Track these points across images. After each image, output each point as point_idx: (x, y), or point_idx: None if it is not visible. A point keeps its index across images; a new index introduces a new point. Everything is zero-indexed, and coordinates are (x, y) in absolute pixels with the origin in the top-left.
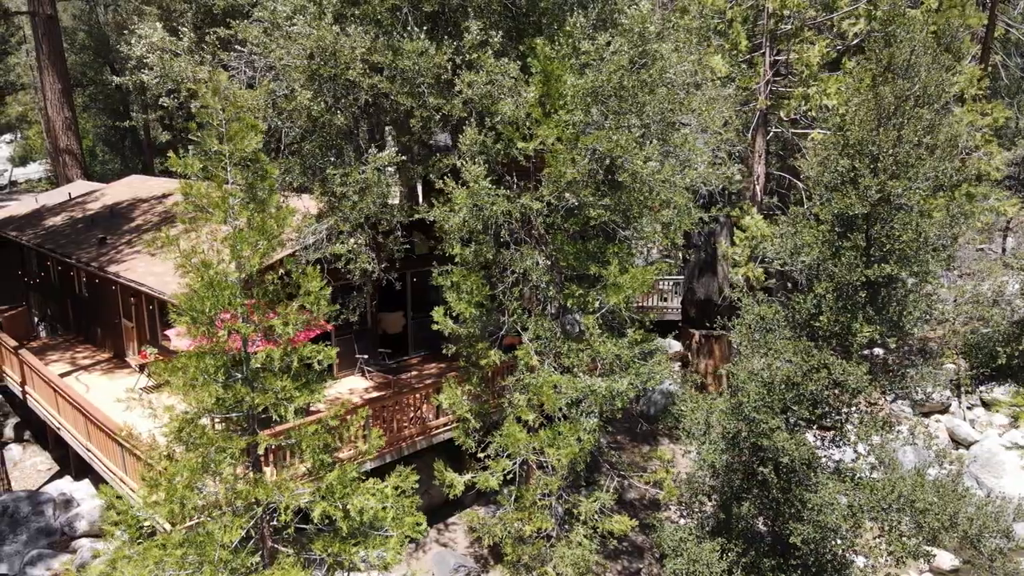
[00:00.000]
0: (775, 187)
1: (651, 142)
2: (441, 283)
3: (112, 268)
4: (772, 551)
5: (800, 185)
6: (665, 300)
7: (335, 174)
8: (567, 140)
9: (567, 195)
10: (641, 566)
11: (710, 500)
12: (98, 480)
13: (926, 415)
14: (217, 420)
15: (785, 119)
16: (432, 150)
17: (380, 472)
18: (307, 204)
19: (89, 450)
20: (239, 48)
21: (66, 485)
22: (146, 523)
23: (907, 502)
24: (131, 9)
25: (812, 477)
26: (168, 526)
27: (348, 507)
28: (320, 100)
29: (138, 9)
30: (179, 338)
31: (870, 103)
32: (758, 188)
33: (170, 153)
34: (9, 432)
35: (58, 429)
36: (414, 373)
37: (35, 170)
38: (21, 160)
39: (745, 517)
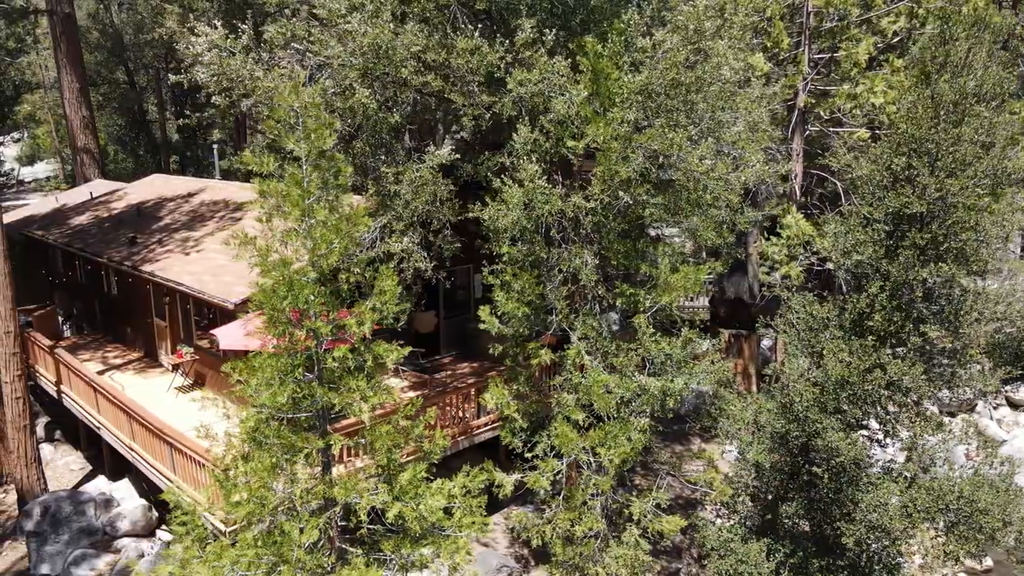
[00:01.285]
0: (809, 185)
1: (705, 140)
2: (491, 282)
3: (146, 267)
4: (819, 552)
5: (836, 183)
6: (692, 299)
7: (388, 172)
8: (621, 138)
9: (620, 193)
10: (680, 566)
11: (753, 500)
12: (142, 479)
13: (951, 415)
14: (288, 420)
15: (825, 117)
16: (479, 149)
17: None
18: (354, 202)
19: (132, 449)
20: (295, 46)
21: (104, 485)
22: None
23: (967, 502)
24: (151, 8)
25: (864, 477)
26: (221, 526)
27: (421, 507)
28: (373, 98)
29: (159, 7)
30: (228, 337)
31: (926, 100)
32: (796, 187)
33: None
34: (40, 432)
35: (97, 429)
36: (447, 373)
37: (43, 169)
38: (28, 159)
39: (792, 517)
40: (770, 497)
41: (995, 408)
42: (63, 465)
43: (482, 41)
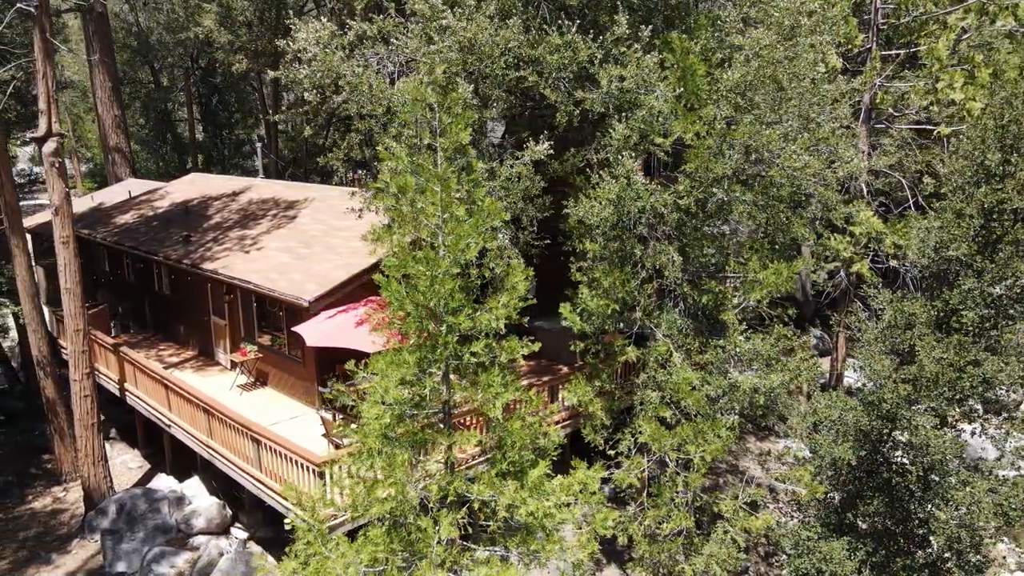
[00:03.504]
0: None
1: (801, 136)
2: (578, 279)
3: (207, 265)
4: (902, 550)
5: (902, 180)
6: None
7: (483, 168)
8: (716, 135)
9: (714, 190)
10: (748, 564)
11: (826, 498)
12: (212, 477)
13: (996, 413)
14: (418, 416)
15: (895, 115)
16: (565, 146)
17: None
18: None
19: (210, 447)
20: (395, 40)
21: (171, 482)
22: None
23: None
24: (188, 7)
25: (956, 475)
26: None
27: (547, 503)
28: (475, 94)
29: (197, 6)
30: (313, 334)
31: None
32: (863, 184)
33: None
34: None
35: (168, 427)
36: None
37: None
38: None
39: (873, 515)
40: (844, 495)
41: None
42: (120, 463)
43: (578, 37)
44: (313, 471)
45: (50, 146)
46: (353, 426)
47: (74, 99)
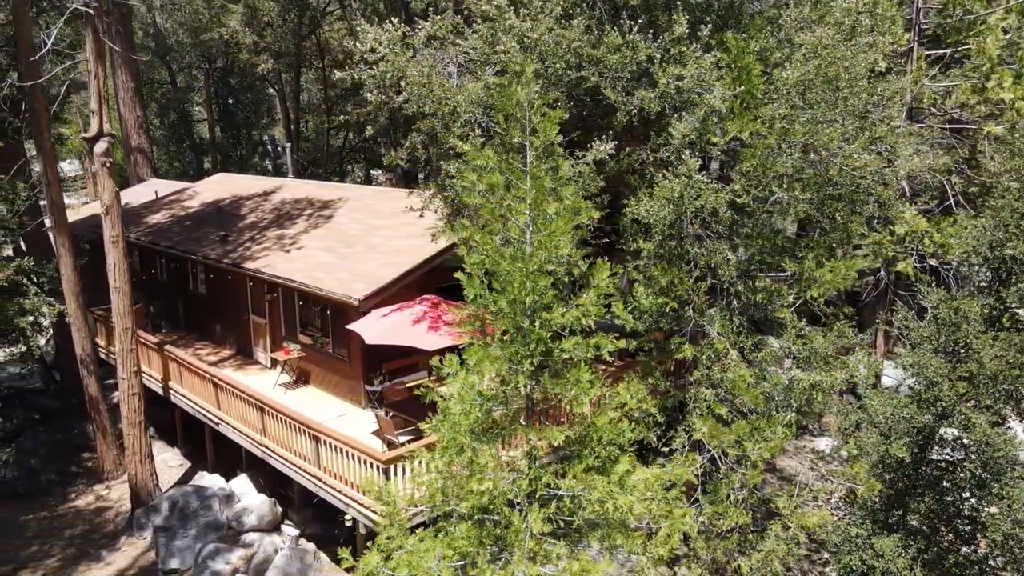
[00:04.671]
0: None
1: (860, 135)
2: (635, 277)
3: (249, 265)
4: (950, 548)
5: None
6: None
7: (543, 166)
8: (776, 133)
9: (774, 188)
10: (792, 562)
11: (880, 494)
12: (260, 475)
13: None
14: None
15: (938, 114)
16: (622, 145)
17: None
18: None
19: (264, 446)
20: (460, 42)
21: (217, 480)
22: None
23: None
24: (213, 8)
25: (1010, 472)
26: (378, 518)
27: (631, 497)
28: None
29: (223, 7)
30: (370, 331)
31: None
32: (905, 184)
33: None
34: None
35: (216, 425)
36: None
37: (66, 168)
38: None
39: (923, 512)
40: (893, 492)
41: None
42: (160, 462)
43: (638, 36)
44: (378, 467)
45: (101, 146)
46: (434, 422)
47: (85, 99)
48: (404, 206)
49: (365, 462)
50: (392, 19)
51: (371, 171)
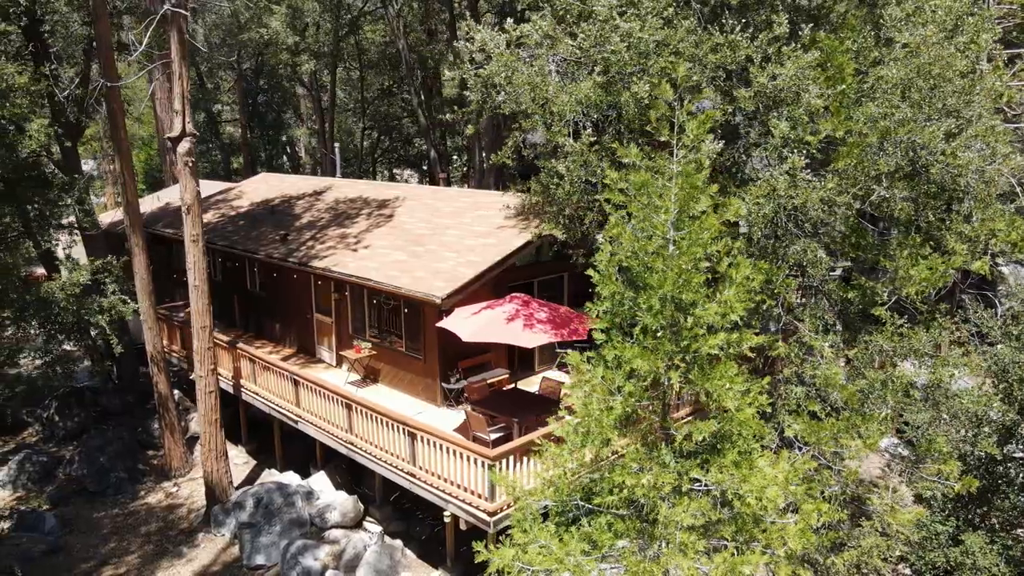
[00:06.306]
0: None
1: (963, 133)
2: (730, 274)
3: (316, 263)
4: None
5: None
6: None
7: (643, 165)
8: (878, 132)
9: (874, 187)
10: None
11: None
12: (337, 472)
13: None
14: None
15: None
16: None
17: None
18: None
19: (350, 443)
20: (570, 41)
21: (294, 477)
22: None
23: None
24: (256, 9)
25: None
26: (486, 516)
27: (769, 492)
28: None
29: (266, 8)
30: (465, 328)
31: None
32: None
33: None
34: (195, 427)
35: (295, 423)
36: None
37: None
38: None
39: (1007, 510)
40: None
41: None
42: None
43: (739, 36)
44: (484, 464)
45: (184, 145)
46: (568, 418)
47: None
48: (502, 203)
49: (469, 458)
50: (507, 18)
51: (393, 171)
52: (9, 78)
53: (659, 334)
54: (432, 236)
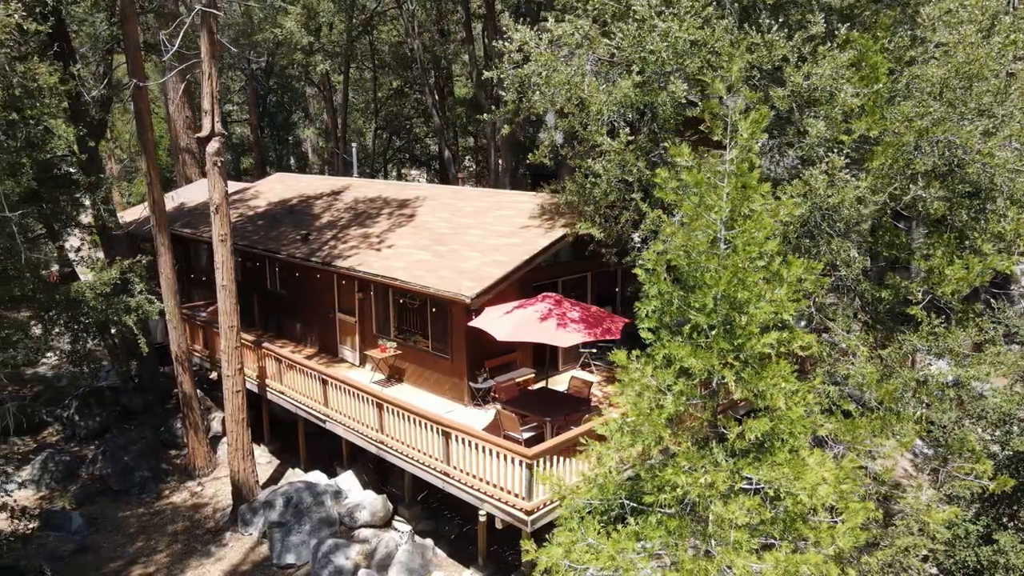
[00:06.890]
0: None
1: (1000, 131)
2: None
3: (340, 263)
4: None
5: None
6: None
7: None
8: (915, 131)
9: (911, 186)
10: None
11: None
12: (368, 471)
13: None
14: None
15: None
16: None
17: None
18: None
19: (380, 442)
20: (607, 41)
21: (322, 476)
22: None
23: None
24: (271, 9)
25: None
26: (524, 516)
27: (820, 490)
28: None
29: (281, 8)
30: (500, 327)
31: None
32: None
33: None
34: (216, 426)
35: (323, 422)
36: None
37: None
38: None
39: None
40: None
41: None
42: None
43: (776, 35)
44: (520, 463)
45: (213, 145)
46: (614, 415)
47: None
48: (533, 203)
49: (506, 458)
50: (546, 17)
51: (400, 171)
52: (40, 78)
53: (712, 333)
54: (454, 236)
